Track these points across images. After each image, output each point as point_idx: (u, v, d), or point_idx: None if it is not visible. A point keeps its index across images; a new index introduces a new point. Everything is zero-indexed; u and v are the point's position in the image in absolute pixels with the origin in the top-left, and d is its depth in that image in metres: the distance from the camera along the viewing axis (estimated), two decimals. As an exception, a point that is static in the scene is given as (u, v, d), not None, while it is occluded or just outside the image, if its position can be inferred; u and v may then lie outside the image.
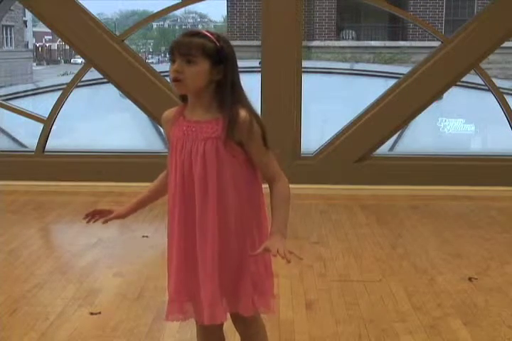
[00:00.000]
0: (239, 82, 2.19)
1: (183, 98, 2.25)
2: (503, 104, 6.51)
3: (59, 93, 6.68)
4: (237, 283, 2.23)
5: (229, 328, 2.42)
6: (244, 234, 2.22)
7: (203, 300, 2.21)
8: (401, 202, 5.98)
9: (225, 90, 2.15)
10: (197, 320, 2.30)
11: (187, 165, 2.19)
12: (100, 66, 6.47)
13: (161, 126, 7.04)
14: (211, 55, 2.13)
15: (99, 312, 3.44)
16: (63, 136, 8.04)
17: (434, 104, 6.68)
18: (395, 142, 7.66)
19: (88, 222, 2.41)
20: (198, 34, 2.15)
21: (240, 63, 2.24)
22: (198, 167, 2.17)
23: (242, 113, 2.14)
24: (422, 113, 6.54)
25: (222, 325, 2.34)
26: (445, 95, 7.01)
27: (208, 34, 2.15)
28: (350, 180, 6.35)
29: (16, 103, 7.84)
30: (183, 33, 2.18)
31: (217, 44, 2.14)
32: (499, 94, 6.53)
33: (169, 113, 2.30)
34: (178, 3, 6.60)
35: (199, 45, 2.12)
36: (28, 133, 7.75)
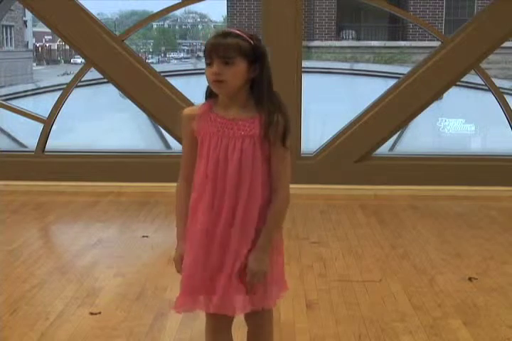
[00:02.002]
0: (271, 79, 2.21)
1: (209, 95, 2.26)
2: (503, 104, 6.51)
3: (59, 93, 6.67)
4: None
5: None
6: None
7: (221, 291, 2.21)
8: (401, 202, 5.98)
9: (262, 87, 2.18)
10: (207, 311, 2.26)
11: (222, 161, 2.20)
12: (100, 66, 6.46)
13: (160, 125, 7.02)
14: (247, 54, 2.15)
15: (99, 312, 3.43)
16: (63, 136, 8.04)
17: (434, 104, 6.68)
18: (395, 142, 7.65)
19: None
20: (230, 34, 2.16)
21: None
22: (234, 163, 2.19)
23: (276, 112, 2.18)
24: (422, 113, 6.54)
25: (231, 322, 2.33)
26: (445, 95, 7.01)
27: (241, 33, 2.16)
28: (350, 180, 6.34)
29: (16, 103, 7.83)
30: (216, 35, 2.18)
31: (252, 42, 2.16)
32: (499, 94, 6.52)
33: (193, 110, 2.29)
34: (178, 3, 6.59)
35: (235, 45, 2.13)
36: (28, 133, 7.74)
